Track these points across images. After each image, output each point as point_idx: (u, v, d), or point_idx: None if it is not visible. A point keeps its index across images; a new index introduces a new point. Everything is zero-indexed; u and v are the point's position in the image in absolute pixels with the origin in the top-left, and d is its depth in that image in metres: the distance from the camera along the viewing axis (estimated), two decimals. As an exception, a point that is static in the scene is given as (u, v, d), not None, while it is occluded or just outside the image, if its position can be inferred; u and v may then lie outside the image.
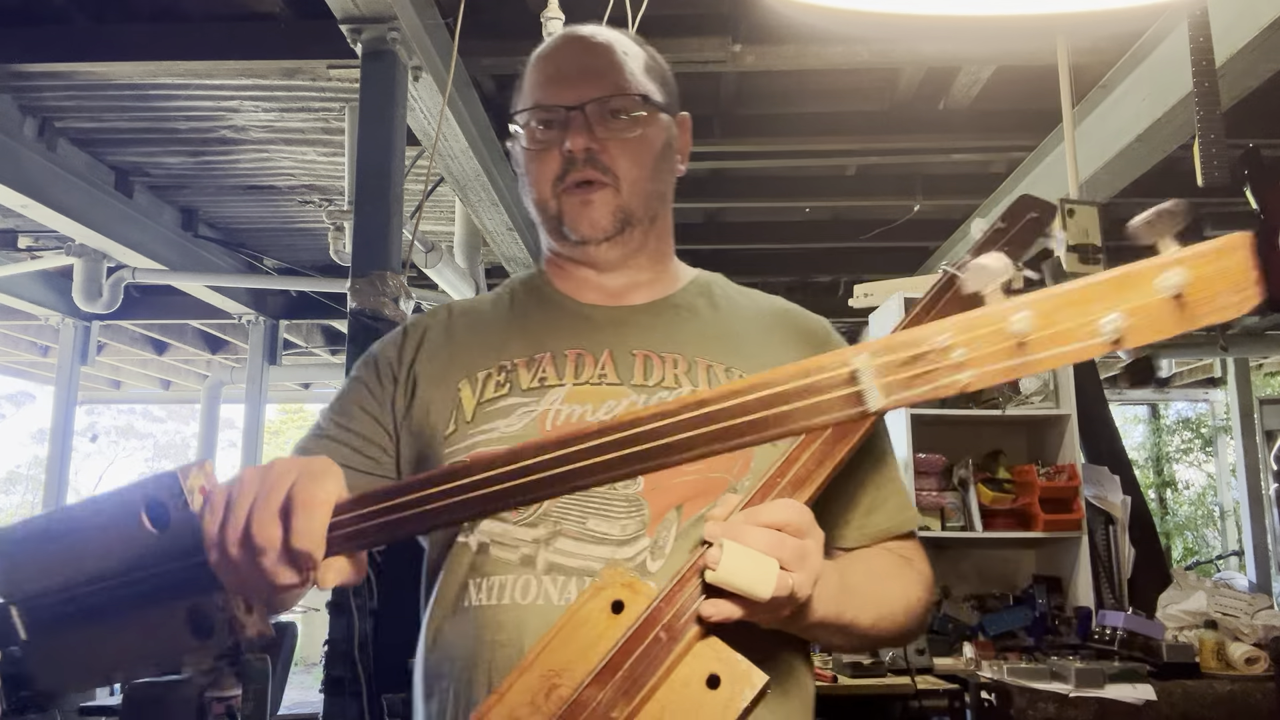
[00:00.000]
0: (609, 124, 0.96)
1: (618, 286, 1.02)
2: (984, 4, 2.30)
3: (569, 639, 0.75)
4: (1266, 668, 2.56)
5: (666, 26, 3.21)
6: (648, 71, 1.01)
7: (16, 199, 3.79)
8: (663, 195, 1.03)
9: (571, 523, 0.87)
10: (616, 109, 0.96)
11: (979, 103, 4.01)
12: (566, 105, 0.95)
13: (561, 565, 0.86)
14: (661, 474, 0.78)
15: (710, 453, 0.62)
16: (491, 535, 0.89)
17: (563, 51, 1.01)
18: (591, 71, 0.97)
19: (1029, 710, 2.42)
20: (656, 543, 0.87)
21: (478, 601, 0.88)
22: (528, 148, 0.99)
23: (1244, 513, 7.87)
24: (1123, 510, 3.29)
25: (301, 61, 3.26)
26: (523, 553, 0.87)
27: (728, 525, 0.75)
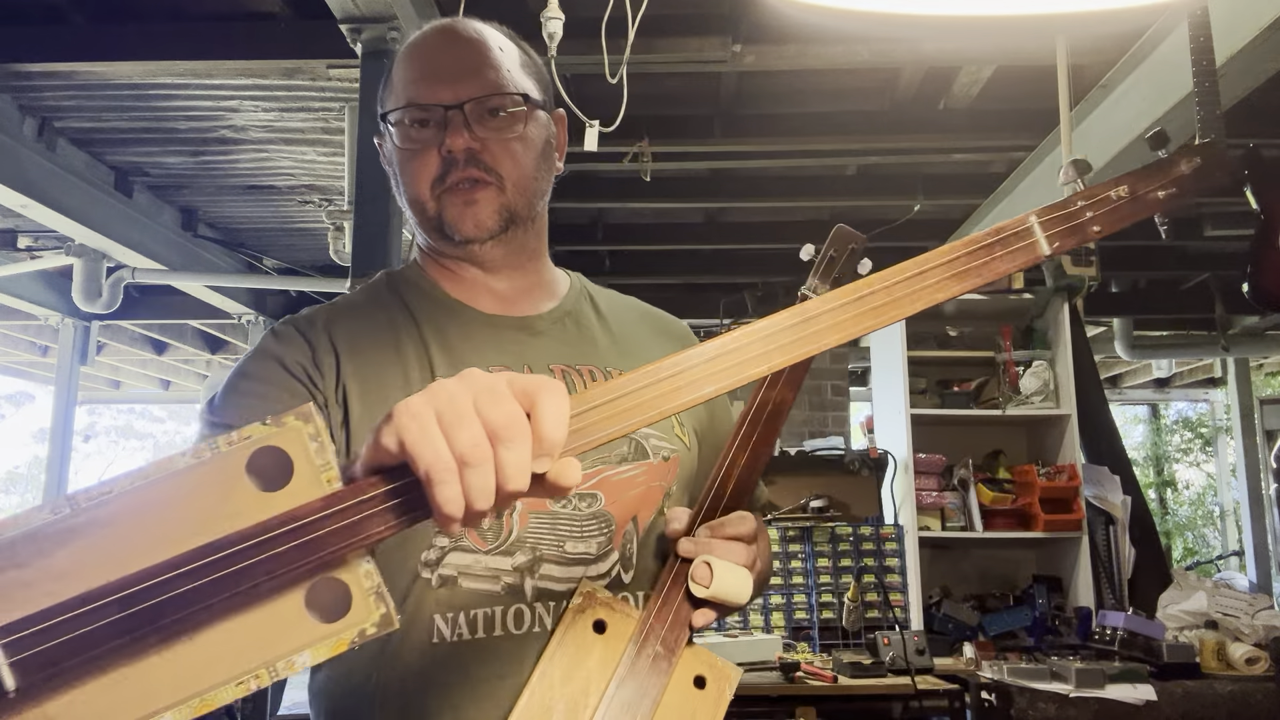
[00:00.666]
0: (489, 123, 0.94)
1: (508, 290, 1.01)
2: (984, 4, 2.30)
3: (562, 661, 0.77)
4: (1267, 668, 2.55)
5: (666, 26, 3.21)
6: (524, 68, 0.99)
7: (16, 199, 3.79)
8: (544, 193, 1.02)
9: (549, 547, 0.87)
10: (496, 107, 0.94)
11: (979, 102, 4.01)
12: (444, 104, 0.92)
13: (550, 590, 0.86)
14: (615, 487, 0.89)
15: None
16: (460, 568, 0.85)
17: (436, 47, 0.98)
18: (468, 69, 0.94)
19: (1029, 710, 2.42)
20: (624, 556, 0.90)
21: (456, 636, 0.84)
22: (402, 147, 0.96)
23: (1244, 513, 7.87)
24: (1123, 510, 3.29)
25: (301, 61, 3.25)
26: (505, 582, 0.85)
27: (701, 543, 0.83)
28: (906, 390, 3.36)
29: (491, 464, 0.55)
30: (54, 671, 0.47)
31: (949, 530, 3.34)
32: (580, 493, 0.89)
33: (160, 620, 0.49)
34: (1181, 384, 9.32)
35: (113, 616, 0.48)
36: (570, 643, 0.79)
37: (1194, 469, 10.50)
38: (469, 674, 0.83)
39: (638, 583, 0.90)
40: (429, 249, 1.02)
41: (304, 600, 0.53)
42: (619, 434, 0.62)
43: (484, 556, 0.86)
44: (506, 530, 0.86)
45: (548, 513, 0.87)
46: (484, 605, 0.85)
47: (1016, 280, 3.35)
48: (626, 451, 0.93)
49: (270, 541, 0.51)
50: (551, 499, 0.77)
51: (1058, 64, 3.31)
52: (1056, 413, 3.34)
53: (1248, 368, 7.94)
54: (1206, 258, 5.99)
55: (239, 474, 0.52)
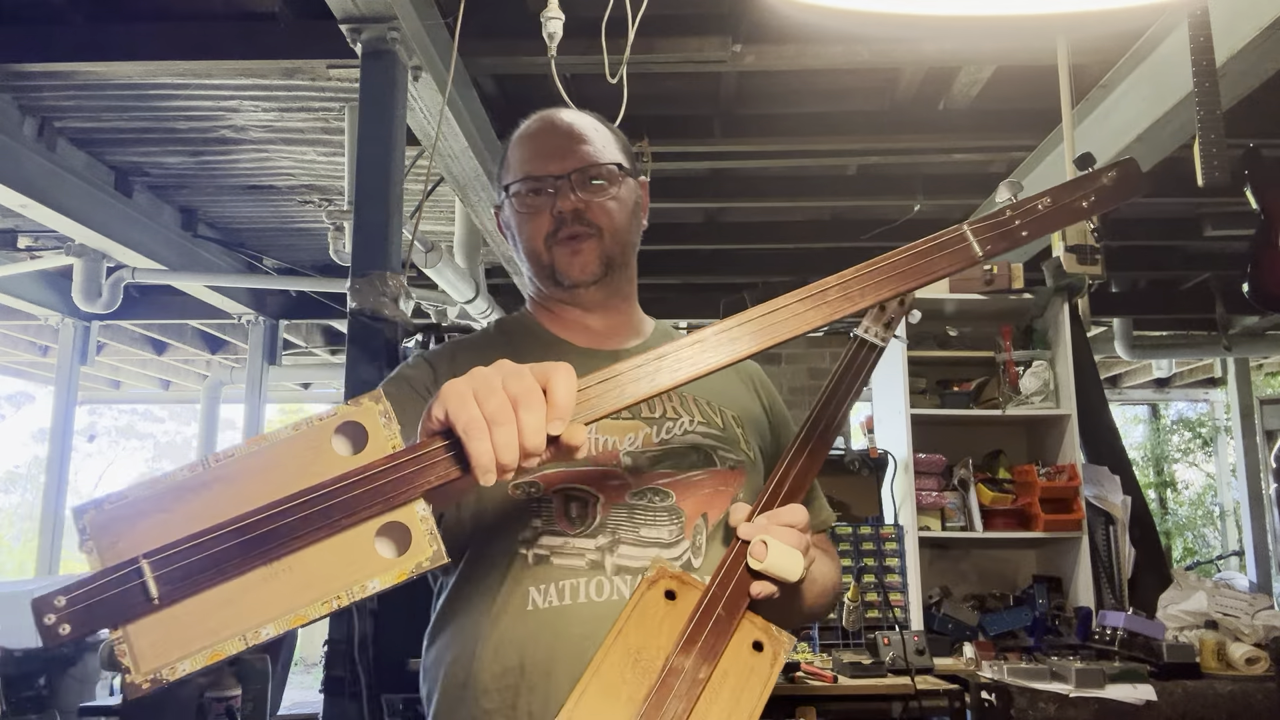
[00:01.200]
0: (590, 188, 1.16)
1: (601, 327, 1.22)
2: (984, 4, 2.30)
3: (638, 623, 0.94)
4: (1267, 668, 2.55)
5: (666, 26, 3.21)
6: (614, 143, 1.22)
7: (16, 199, 3.79)
8: (634, 244, 1.23)
9: (626, 532, 1.05)
10: (595, 176, 1.16)
11: (979, 102, 4.01)
12: (555, 175, 1.15)
13: (627, 566, 1.04)
14: (685, 487, 1.08)
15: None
16: (551, 547, 1.04)
17: (544, 131, 1.20)
18: (571, 147, 1.17)
19: (1029, 710, 2.42)
20: (695, 544, 1.07)
21: (546, 604, 1.02)
22: (521, 211, 1.18)
23: (1244, 513, 7.87)
24: (1123, 510, 3.29)
25: (301, 61, 3.25)
26: (589, 559, 1.03)
27: (757, 526, 0.98)
28: (906, 390, 3.36)
29: (514, 424, 0.74)
30: (187, 585, 0.65)
31: (949, 530, 3.34)
32: (654, 489, 1.07)
33: (267, 547, 0.66)
34: (1181, 384, 9.32)
35: (232, 543, 0.66)
36: (645, 607, 0.95)
37: (1194, 469, 10.50)
38: (559, 633, 1.00)
39: (706, 569, 1.04)
40: (538, 295, 1.24)
41: (375, 537, 0.69)
42: (616, 407, 0.79)
43: (571, 539, 1.04)
44: (592, 517, 1.05)
45: (625, 505, 1.06)
46: (571, 578, 1.03)
47: (1017, 280, 3.35)
48: (695, 459, 1.12)
49: (348, 488, 0.68)
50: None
51: (1059, 64, 3.31)
52: (1056, 413, 3.34)
53: (1248, 368, 7.94)
54: (1206, 258, 5.99)
55: (327, 441, 0.70)
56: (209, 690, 3.72)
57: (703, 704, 0.89)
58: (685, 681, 0.90)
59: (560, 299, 1.21)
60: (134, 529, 0.66)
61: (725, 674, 0.91)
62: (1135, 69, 3.32)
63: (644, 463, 1.09)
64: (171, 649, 0.66)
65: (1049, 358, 3.41)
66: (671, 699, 0.89)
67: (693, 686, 0.89)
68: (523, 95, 4.08)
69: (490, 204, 4.11)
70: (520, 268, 1.24)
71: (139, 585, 0.64)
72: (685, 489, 1.09)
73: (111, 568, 0.64)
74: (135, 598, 0.64)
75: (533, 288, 1.25)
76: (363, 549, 0.68)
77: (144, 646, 0.66)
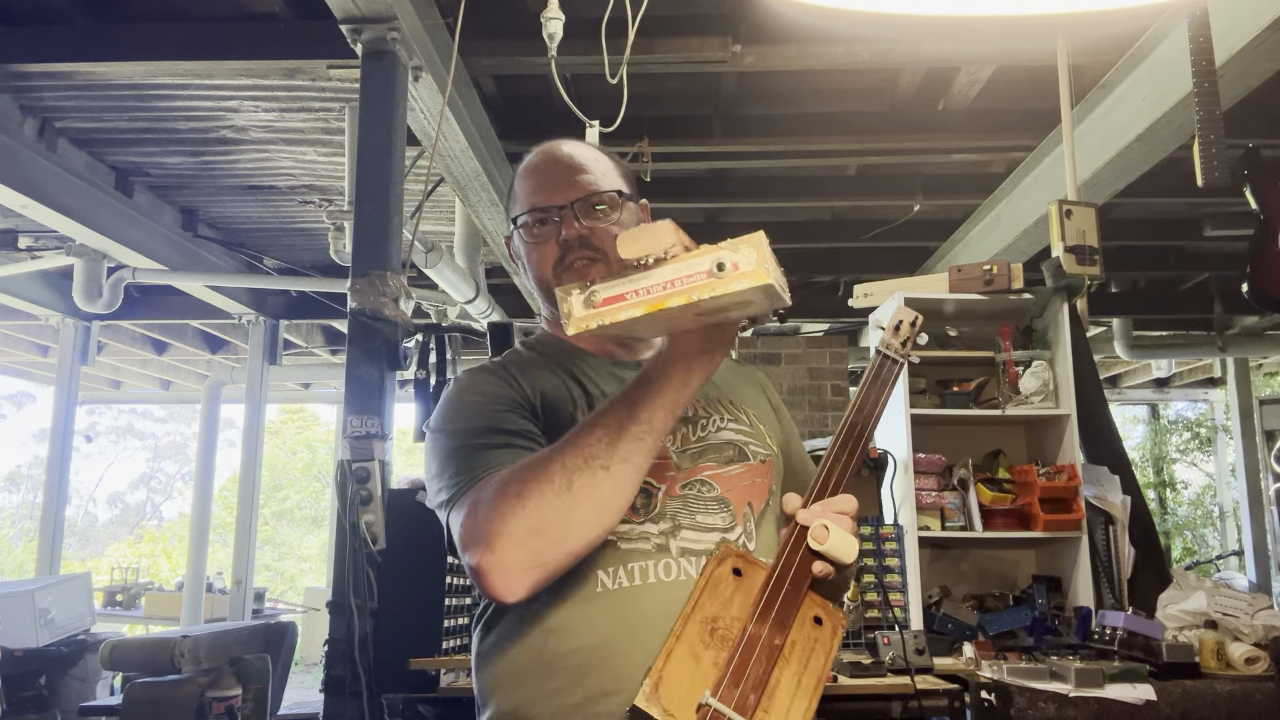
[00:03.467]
0: (593, 215, 1.22)
1: (620, 343, 1.30)
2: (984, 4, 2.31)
3: (712, 596, 1.02)
4: (1267, 668, 2.55)
5: (666, 26, 3.21)
6: (614, 170, 1.28)
7: (17, 199, 3.79)
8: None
9: (685, 518, 1.12)
10: (597, 203, 1.22)
11: (979, 103, 4.01)
12: (559, 205, 1.21)
13: (691, 549, 1.11)
14: (727, 480, 1.17)
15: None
16: (618, 533, 1.08)
17: (547, 164, 1.26)
18: (573, 178, 1.24)
19: (1029, 710, 2.42)
20: (746, 530, 1.16)
21: (616, 585, 1.08)
22: (529, 241, 1.24)
23: (1244, 513, 7.87)
24: (1122, 510, 3.29)
25: (301, 61, 3.26)
26: (655, 543, 1.10)
27: (814, 512, 1.05)
28: (906, 390, 3.36)
29: None
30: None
31: (948, 530, 3.34)
32: (701, 480, 1.15)
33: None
34: (1181, 384, 9.33)
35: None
36: (716, 581, 1.03)
37: (1193, 469, 10.50)
38: (629, 612, 1.06)
39: (760, 552, 1.13)
40: (553, 318, 1.30)
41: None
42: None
43: (637, 525, 1.10)
44: (654, 506, 1.11)
45: (680, 496, 1.13)
46: (640, 560, 1.09)
47: (1016, 280, 3.35)
48: (732, 454, 1.20)
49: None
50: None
51: (1058, 64, 3.31)
52: (1056, 413, 3.34)
53: (1247, 368, 7.95)
54: (1206, 258, 5.99)
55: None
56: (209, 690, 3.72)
57: (777, 669, 0.99)
58: (764, 648, 0.99)
59: None
60: None
61: (793, 644, 1.01)
62: (1135, 69, 3.33)
63: (688, 458, 1.17)
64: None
65: (1048, 358, 3.41)
66: (753, 663, 0.98)
67: (771, 652, 0.99)
68: (523, 95, 4.08)
69: (490, 203, 4.11)
70: (534, 295, 1.30)
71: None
72: (728, 481, 1.17)
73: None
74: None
75: (548, 311, 1.30)
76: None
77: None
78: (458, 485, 1.06)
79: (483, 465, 1.06)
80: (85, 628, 4.81)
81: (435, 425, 1.17)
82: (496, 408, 1.14)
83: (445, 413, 1.17)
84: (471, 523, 1.00)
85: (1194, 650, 2.60)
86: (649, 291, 0.89)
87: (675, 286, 0.88)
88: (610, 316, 0.90)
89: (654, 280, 0.89)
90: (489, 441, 1.09)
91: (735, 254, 0.86)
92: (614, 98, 2.81)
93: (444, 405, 1.19)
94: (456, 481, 1.06)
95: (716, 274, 0.86)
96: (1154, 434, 10.14)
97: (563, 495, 0.97)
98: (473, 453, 1.08)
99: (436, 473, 1.11)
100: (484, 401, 1.15)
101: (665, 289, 0.88)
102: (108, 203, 4.39)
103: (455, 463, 1.08)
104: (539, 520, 0.97)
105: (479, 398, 1.16)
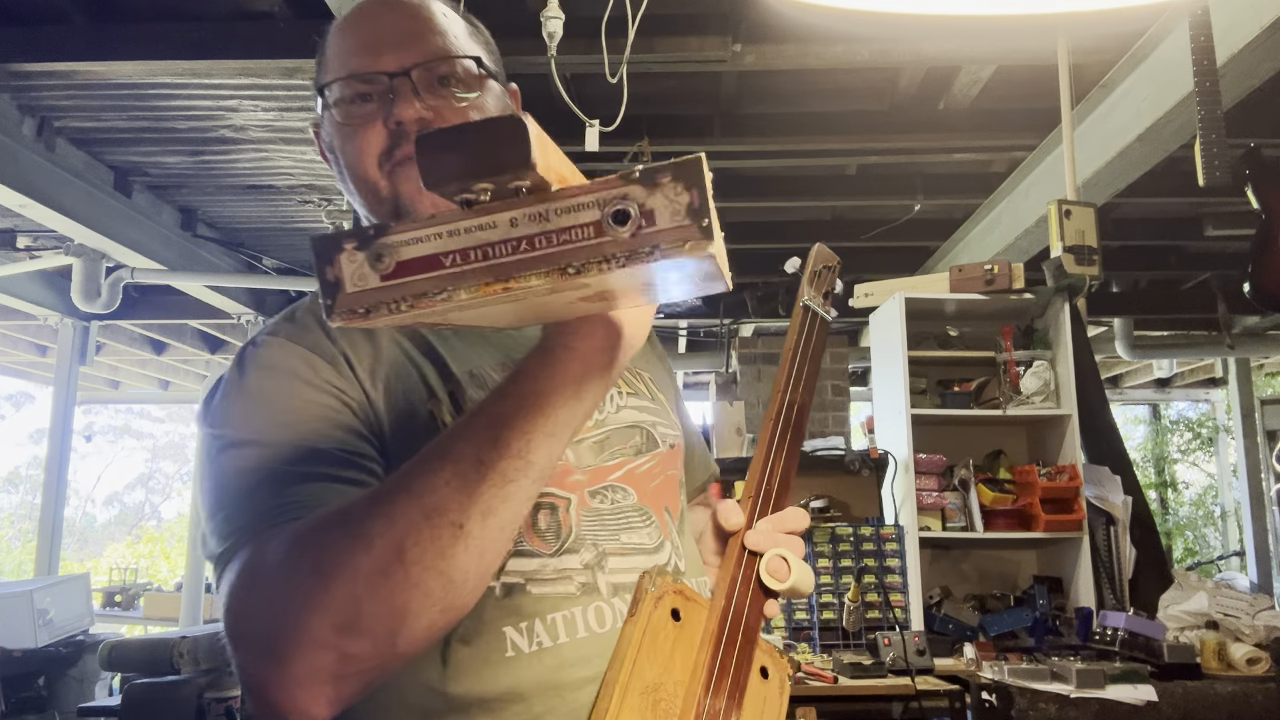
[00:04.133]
0: (440, 91, 0.85)
1: None
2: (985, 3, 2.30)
3: (651, 655, 0.75)
4: (1268, 668, 2.55)
5: (666, 25, 3.21)
6: (471, 37, 0.91)
7: (15, 198, 3.79)
8: None
9: (608, 541, 0.84)
10: (446, 74, 0.86)
11: (979, 102, 4.00)
12: (389, 72, 0.84)
13: (624, 584, 0.82)
14: (640, 479, 0.88)
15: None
16: (526, 573, 0.79)
17: (375, 14, 0.88)
18: (412, 34, 0.86)
19: (1030, 711, 2.42)
20: (674, 546, 0.89)
21: (534, 646, 0.78)
22: (343, 124, 0.86)
23: (1245, 513, 7.86)
24: (1124, 510, 3.28)
25: (301, 61, 3.25)
26: (579, 581, 0.81)
27: (764, 535, 0.84)
28: (907, 390, 3.35)
29: None
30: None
31: (949, 530, 3.33)
32: (612, 485, 0.86)
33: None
34: (1182, 384, 9.32)
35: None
36: (654, 632, 0.77)
37: (1195, 469, 10.50)
38: (556, 682, 0.78)
39: (691, 571, 0.90)
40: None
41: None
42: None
43: (550, 559, 0.80)
44: (565, 529, 0.82)
45: (592, 509, 0.84)
46: (561, 609, 0.80)
47: (1017, 280, 3.34)
48: (640, 442, 0.90)
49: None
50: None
51: (1059, 64, 3.30)
52: (1057, 413, 3.33)
53: (1249, 368, 7.94)
54: (1207, 257, 5.99)
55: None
56: (208, 691, 3.72)
57: None
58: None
59: None
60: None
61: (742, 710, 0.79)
62: (1136, 69, 3.32)
63: (589, 452, 0.86)
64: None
65: (1050, 357, 3.41)
66: None
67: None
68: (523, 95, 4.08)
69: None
70: (351, 202, 0.91)
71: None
72: (642, 481, 0.88)
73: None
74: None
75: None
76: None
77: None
78: (230, 537, 0.70)
79: (274, 509, 0.70)
80: (84, 628, 4.81)
81: (214, 423, 0.78)
82: (308, 408, 0.77)
83: (229, 407, 0.78)
84: (243, 604, 0.66)
85: (1195, 651, 2.60)
86: (487, 255, 0.50)
87: (537, 249, 0.49)
88: (413, 303, 0.50)
89: (497, 235, 0.50)
90: (291, 469, 0.73)
91: (648, 195, 0.49)
92: (614, 97, 2.80)
93: (230, 393, 0.79)
94: (230, 530, 0.71)
95: (612, 228, 0.49)
96: (1155, 434, 10.13)
97: (389, 572, 0.62)
98: (262, 484, 0.72)
99: (208, 506, 0.74)
100: (289, 395, 0.78)
101: (517, 251, 0.49)
102: (106, 202, 4.39)
103: (233, 497, 0.73)
104: (351, 611, 0.62)
105: (283, 387, 0.78)
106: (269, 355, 0.81)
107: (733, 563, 0.84)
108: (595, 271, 0.49)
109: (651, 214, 0.48)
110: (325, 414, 0.77)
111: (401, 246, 0.51)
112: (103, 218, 4.34)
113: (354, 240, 0.51)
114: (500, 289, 0.50)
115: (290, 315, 0.87)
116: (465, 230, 0.50)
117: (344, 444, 0.76)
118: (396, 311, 0.51)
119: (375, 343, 0.84)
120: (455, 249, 0.50)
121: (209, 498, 0.74)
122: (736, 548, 0.85)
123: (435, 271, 0.50)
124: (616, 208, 0.49)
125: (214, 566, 0.71)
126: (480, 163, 0.48)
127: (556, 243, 0.49)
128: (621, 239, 0.48)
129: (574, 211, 0.49)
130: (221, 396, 0.79)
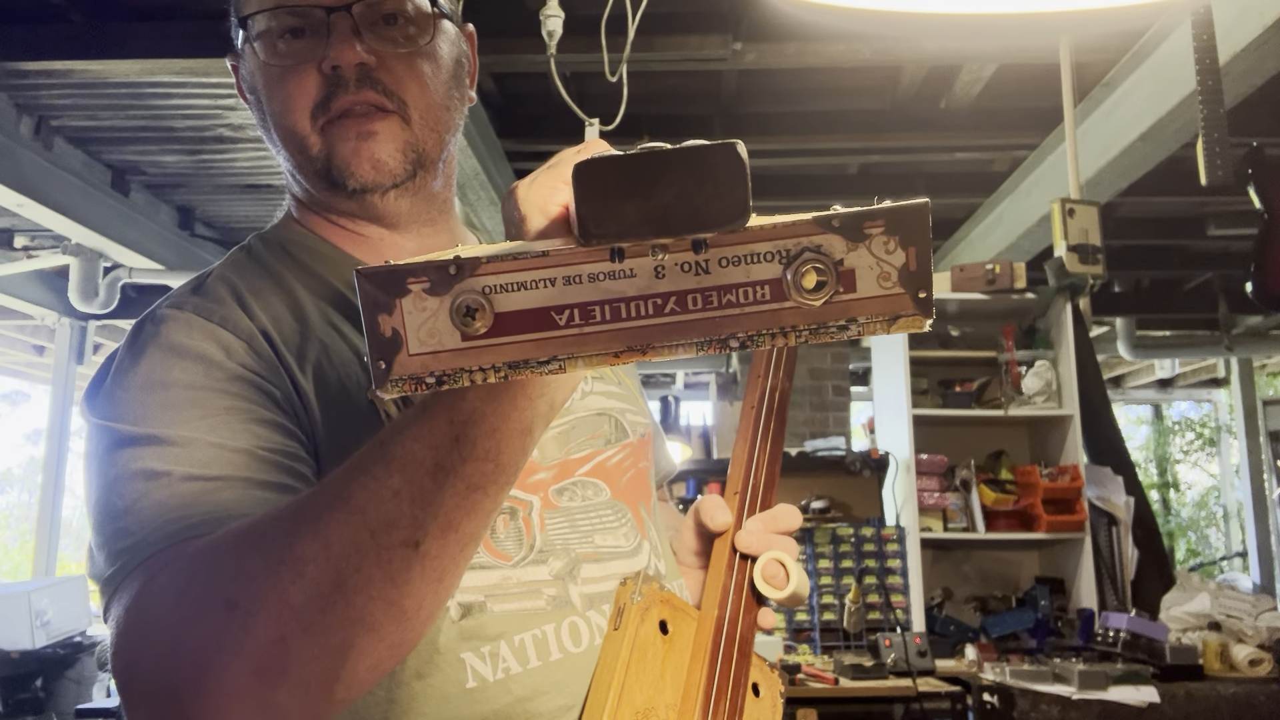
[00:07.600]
0: (385, 32, 0.73)
1: (419, 252, 0.78)
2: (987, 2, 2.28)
3: (639, 674, 0.66)
4: (1270, 669, 2.54)
5: (667, 24, 3.19)
6: None
7: (12, 198, 3.78)
8: (456, 127, 0.81)
9: (580, 545, 0.73)
10: (393, 12, 0.74)
11: (981, 101, 3.99)
12: (326, 5, 0.72)
13: (600, 594, 0.72)
14: (611, 474, 0.78)
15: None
16: (484, 590, 0.68)
17: None
18: None
19: (1032, 713, 2.41)
20: (652, 546, 0.79)
21: (500, 674, 0.67)
22: (269, 63, 0.75)
23: (1247, 514, 7.85)
24: (1126, 511, 3.27)
25: (299, 59, 3.24)
26: (548, 595, 0.70)
27: (756, 536, 0.77)
28: (908, 390, 3.34)
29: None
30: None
31: (951, 531, 3.32)
32: (580, 480, 0.75)
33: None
34: (1185, 384, 9.31)
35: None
36: (642, 649, 0.68)
37: (1197, 470, 10.49)
38: (528, 713, 0.67)
39: (671, 574, 0.80)
40: (312, 202, 0.79)
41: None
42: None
43: (513, 571, 0.69)
44: (529, 536, 0.71)
45: (561, 510, 0.73)
46: (529, 628, 0.68)
47: (1019, 279, 3.33)
48: (609, 432, 0.80)
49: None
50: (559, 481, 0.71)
51: (1061, 62, 3.29)
52: (1059, 413, 3.32)
53: (1251, 368, 7.93)
54: (1210, 257, 5.97)
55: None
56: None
57: None
58: None
59: (347, 210, 0.77)
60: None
61: None
62: (1138, 67, 3.31)
63: (554, 444, 0.75)
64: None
65: (1051, 358, 3.39)
66: None
67: None
68: (522, 93, 4.07)
69: (489, 203, 4.09)
70: (275, 156, 0.80)
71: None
72: (612, 475, 0.78)
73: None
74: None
75: (299, 187, 0.79)
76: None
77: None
78: (122, 556, 0.57)
79: (177, 522, 0.56)
80: (82, 630, 4.79)
81: (105, 413, 0.64)
82: (219, 398, 0.63)
83: (124, 395, 0.64)
84: (136, 647, 0.53)
85: (1198, 652, 2.58)
86: (619, 314, 0.37)
87: (689, 310, 0.37)
88: (508, 374, 0.37)
89: (634, 288, 0.37)
90: (199, 471, 0.59)
91: (849, 249, 0.39)
92: (614, 96, 2.78)
93: (124, 378, 0.65)
94: (122, 547, 0.57)
95: (799, 292, 0.38)
96: (1157, 435, 10.13)
97: (325, 605, 0.49)
98: (163, 490, 0.59)
99: (96, 516, 0.61)
100: (197, 381, 0.64)
101: (661, 313, 0.37)
102: (104, 201, 4.37)
103: (127, 506, 0.59)
104: (277, 655, 0.49)
105: (189, 371, 0.64)
106: (173, 333, 0.66)
107: (723, 568, 0.75)
108: (765, 344, 0.37)
109: (852, 276, 0.37)
110: (241, 404, 0.63)
111: (497, 294, 0.36)
112: (100, 217, 4.33)
113: (425, 278, 0.36)
114: (632, 360, 0.37)
115: (198, 284, 0.73)
116: (589, 278, 0.36)
117: (265, 441, 0.62)
118: (479, 384, 0.38)
119: (303, 317, 0.71)
120: (574, 302, 0.36)
121: (98, 505, 0.60)
122: (726, 551, 0.77)
123: (544, 333, 0.36)
124: (807, 263, 0.37)
125: (101, 592, 0.58)
126: (677, 214, 0.34)
127: (719, 304, 0.36)
128: (809, 307, 0.37)
129: (745, 264, 0.37)
130: (114, 382, 0.65)
